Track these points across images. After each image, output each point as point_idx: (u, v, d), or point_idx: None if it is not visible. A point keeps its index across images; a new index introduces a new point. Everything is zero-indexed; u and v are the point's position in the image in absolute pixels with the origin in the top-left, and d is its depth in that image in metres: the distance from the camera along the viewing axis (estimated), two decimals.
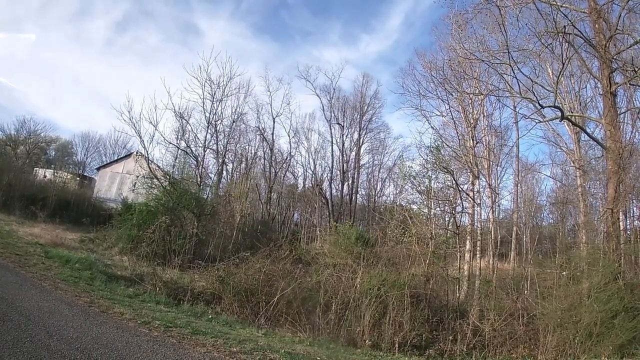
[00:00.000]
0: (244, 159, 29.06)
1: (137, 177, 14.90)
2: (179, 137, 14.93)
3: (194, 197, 14.44)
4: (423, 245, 10.74)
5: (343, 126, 27.95)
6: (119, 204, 16.99)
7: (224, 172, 27.83)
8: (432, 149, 11.33)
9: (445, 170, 10.14)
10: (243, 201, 21.59)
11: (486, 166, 16.76)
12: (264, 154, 28.63)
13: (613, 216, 9.79)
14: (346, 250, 9.63)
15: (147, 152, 13.85)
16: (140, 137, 13.25)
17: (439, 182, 11.39)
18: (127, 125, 13.24)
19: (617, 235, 10.27)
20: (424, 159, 11.39)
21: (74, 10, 56.36)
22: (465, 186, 12.70)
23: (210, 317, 6.60)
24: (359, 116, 28.92)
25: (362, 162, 30.77)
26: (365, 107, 29.31)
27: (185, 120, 15.16)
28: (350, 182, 29.65)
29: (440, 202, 10.82)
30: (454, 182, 10.54)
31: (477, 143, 16.05)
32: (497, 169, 21.54)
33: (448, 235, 10.41)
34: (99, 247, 12.67)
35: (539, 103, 8.88)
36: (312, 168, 30.53)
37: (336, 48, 60.47)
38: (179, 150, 15.18)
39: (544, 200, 18.76)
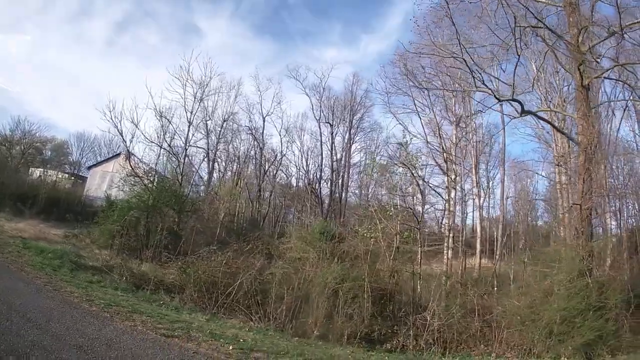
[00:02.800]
0: (235, 159, 30.19)
1: (122, 175, 15.99)
2: (161, 136, 15.95)
3: (173, 194, 15.44)
4: (387, 240, 11.38)
5: (332, 125, 28.68)
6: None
7: (216, 172, 29.04)
8: (400, 145, 11.96)
9: (404, 165, 10.73)
10: (228, 199, 22.64)
11: (473, 164, 17.22)
12: (255, 154, 29.63)
13: (582, 212, 9.91)
14: (310, 244, 10.32)
15: (128, 150, 14.88)
16: (122, 136, 14.34)
17: (410, 178, 11.96)
18: (110, 124, 14.27)
19: (582, 231, 10.09)
20: (389, 155, 12.01)
21: (73, 11, 59.08)
22: (439, 183, 13.26)
23: (162, 302, 7.42)
24: (349, 115, 29.64)
25: (354, 161, 31.44)
26: (356, 106, 30.02)
27: (167, 119, 16.17)
28: (340, 181, 30.34)
29: (399, 196, 11.43)
30: (417, 178, 11.12)
31: (459, 140, 16.55)
32: (486, 167, 21.92)
33: (409, 231, 10.97)
34: (82, 242, 13.76)
35: (495, 96, 9.36)
36: (304, 167, 31.37)
37: (337, 48, 61.70)
38: (161, 149, 16.23)
39: (535, 197, 19.02)
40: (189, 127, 16.17)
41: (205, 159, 26.35)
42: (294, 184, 33.09)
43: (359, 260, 10.11)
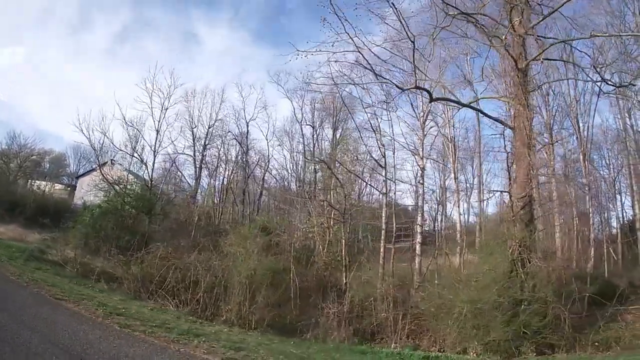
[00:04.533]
0: (222, 163, 32.05)
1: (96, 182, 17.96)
2: (129, 144, 17.86)
3: (143, 198, 17.22)
4: (322, 234, 12.66)
5: (314, 127, 30.08)
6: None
7: (205, 177, 30.91)
8: (339, 141, 13.26)
9: (318, 161, 12.01)
10: (205, 203, 24.41)
11: (452, 160, 18.17)
12: (239, 158, 31.30)
13: (511, 200, 9.96)
14: (244, 239, 11.69)
15: (98, 159, 16.81)
16: (92, 145, 16.27)
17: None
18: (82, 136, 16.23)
19: (507, 219, 10.16)
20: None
21: (73, 22, 63.25)
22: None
23: (91, 285, 9.04)
24: (332, 117, 30.94)
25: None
26: (340, 107, 31.24)
27: (136, 128, 18.04)
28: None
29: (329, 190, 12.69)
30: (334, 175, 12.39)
31: (425, 135, 17.53)
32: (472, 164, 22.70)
33: (339, 226, 12.19)
34: (57, 244, 15.66)
35: (397, 86, 10.25)
36: (293, 170, 32.82)
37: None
38: (132, 157, 18.12)
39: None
40: (157, 134, 17.93)
41: (196, 165, 28.30)
42: (287, 186, 34.57)
43: (288, 254, 11.35)
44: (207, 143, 29.80)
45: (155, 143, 17.93)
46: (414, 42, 9.21)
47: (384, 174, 13.73)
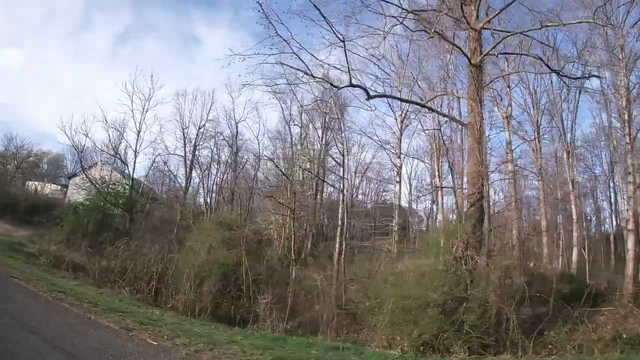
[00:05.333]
0: (214, 164, 33.32)
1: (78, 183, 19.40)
2: (112, 145, 19.25)
3: (124, 197, 18.58)
4: (278, 230, 13.77)
5: (301, 127, 30.86)
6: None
7: (198, 177, 32.21)
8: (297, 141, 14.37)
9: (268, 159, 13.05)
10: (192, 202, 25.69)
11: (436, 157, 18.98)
12: (228, 158, 32.44)
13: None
14: (204, 234, 12.85)
15: (81, 159, 18.25)
16: (75, 147, 17.68)
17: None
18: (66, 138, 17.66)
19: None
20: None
21: (73, 23, 65.26)
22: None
23: (57, 273, 10.35)
24: (321, 117, 31.67)
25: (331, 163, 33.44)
26: (330, 108, 32.07)
27: (118, 130, 19.40)
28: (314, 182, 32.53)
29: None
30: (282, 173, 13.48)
31: (402, 135, 18.46)
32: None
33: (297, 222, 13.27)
34: (42, 239, 17.07)
35: (332, 84, 10.95)
36: (284, 169, 33.90)
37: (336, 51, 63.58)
38: (115, 157, 19.51)
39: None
40: (137, 135, 19.22)
41: (187, 166, 29.61)
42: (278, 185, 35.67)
43: (242, 247, 12.40)
44: (197, 144, 31.06)
45: (136, 144, 19.27)
46: (344, 42, 9.70)
47: (341, 172, 14.73)
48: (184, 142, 29.77)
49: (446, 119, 14.28)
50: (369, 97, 11.33)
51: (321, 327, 10.03)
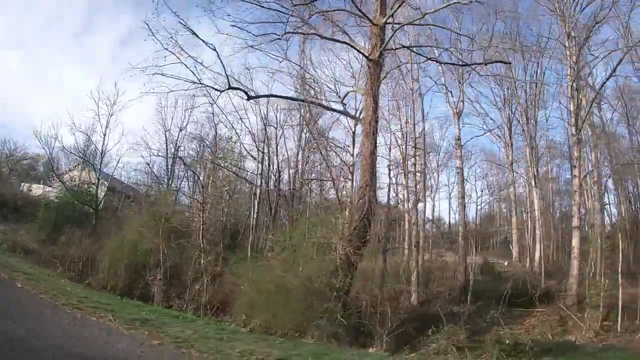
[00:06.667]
0: (196, 165, 35.75)
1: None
2: (80, 148, 22.05)
3: (89, 195, 21.31)
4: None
5: (276, 128, 32.29)
6: None
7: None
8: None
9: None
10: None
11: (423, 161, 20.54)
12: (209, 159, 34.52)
13: (360, 191, 10.48)
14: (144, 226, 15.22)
15: (51, 161, 21.13)
16: (45, 149, 20.57)
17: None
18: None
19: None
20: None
21: (74, 24, 67.95)
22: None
23: (10, 255, 12.97)
24: (300, 117, 32.86)
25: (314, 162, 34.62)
26: (308, 107, 33.20)
27: (86, 134, 22.07)
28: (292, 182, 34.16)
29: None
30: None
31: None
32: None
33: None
34: (16, 233, 19.93)
35: (214, 88, 11.90)
36: (270, 170, 35.86)
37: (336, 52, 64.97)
38: (84, 160, 22.33)
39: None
40: (104, 138, 21.87)
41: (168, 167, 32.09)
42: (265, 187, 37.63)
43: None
44: (179, 145, 33.29)
45: (102, 146, 21.94)
46: (216, 50, 11.01)
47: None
48: (166, 144, 32.31)
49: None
50: (249, 98, 12.77)
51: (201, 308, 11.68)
